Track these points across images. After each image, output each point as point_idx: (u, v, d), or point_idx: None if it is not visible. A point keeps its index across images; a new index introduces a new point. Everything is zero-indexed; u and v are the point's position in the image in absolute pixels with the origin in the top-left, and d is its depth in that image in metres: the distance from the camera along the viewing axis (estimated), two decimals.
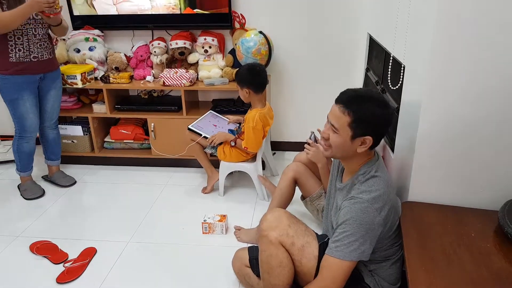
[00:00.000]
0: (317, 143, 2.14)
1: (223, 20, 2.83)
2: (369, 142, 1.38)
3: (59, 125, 2.90)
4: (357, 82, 2.91)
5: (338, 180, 1.59)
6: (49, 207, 2.55)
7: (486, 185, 1.49)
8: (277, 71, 3.01)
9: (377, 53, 2.55)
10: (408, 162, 1.56)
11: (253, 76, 2.36)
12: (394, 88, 1.74)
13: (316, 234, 1.55)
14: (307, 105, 3.10)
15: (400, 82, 1.69)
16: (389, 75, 1.75)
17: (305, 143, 2.12)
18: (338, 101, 1.40)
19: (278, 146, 3.22)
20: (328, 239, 1.46)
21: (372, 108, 1.35)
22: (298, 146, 3.18)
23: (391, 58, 1.82)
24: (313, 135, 2.17)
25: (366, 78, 2.76)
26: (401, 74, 1.67)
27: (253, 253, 1.72)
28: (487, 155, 1.45)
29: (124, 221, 2.39)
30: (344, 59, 2.93)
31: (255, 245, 1.80)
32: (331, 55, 2.93)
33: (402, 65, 1.67)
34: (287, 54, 2.96)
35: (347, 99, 1.38)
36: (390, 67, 1.74)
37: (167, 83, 2.76)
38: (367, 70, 2.74)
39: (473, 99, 1.39)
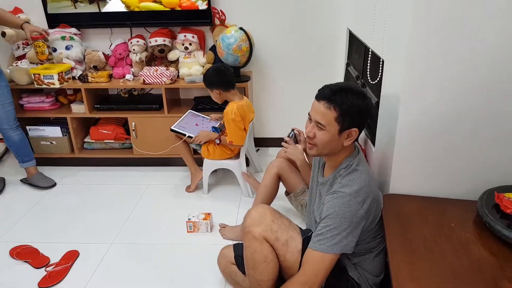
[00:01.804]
0: (296, 141, 2.16)
1: (202, 17, 2.80)
2: (355, 134, 1.40)
3: (38, 126, 2.85)
4: (338, 77, 2.93)
5: (320, 175, 1.60)
6: (28, 210, 2.50)
7: (465, 176, 1.52)
8: (259, 67, 3.00)
9: (356, 48, 2.57)
10: (389, 155, 1.58)
11: (220, 76, 2.39)
12: (374, 82, 1.76)
13: (300, 228, 1.56)
14: (289, 101, 3.11)
15: (379, 76, 1.71)
16: (368, 70, 1.76)
17: (283, 140, 2.13)
18: (320, 97, 1.40)
19: (261, 143, 3.22)
20: (312, 233, 1.47)
21: (355, 100, 1.37)
22: (281, 142, 3.14)
23: (370, 52, 1.84)
24: (293, 132, 2.18)
25: (347, 73, 2.78)
26: (380, 68, 1.68)
27: (238, 251, 1.72)
28: (466, 146, 1.47)
29: (107, 223, 2.35)
30: (325, 54, 2.94)
31: (240, 242, 1.80)
32: (312, 51, 2.94)
33: (381, 60, 1.68)
34: (268, 50, 2.96)
35: (330, 94, 1.38)
36: (369, 61, 1.75)
37: (147, 81, 2.72)
38: (348, 65, 2.76)
39: (451, 93, 1.41)
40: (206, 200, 2.58)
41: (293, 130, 2.21)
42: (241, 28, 2.64)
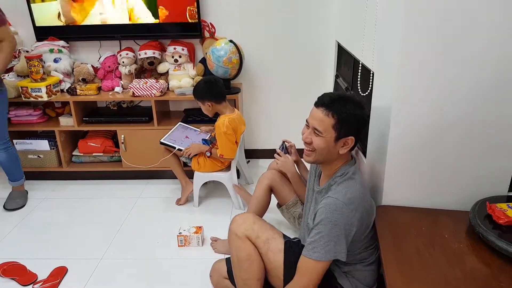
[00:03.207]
0: (287, 152, 2.16)
1: (192, 30, 2.81)
2: (351, 143, 1.43)
3: (26, 140, 2.81)
4: (327, 89, 2.95)
5: (316, 183, 1.62)
6: (14, 226, 2.44)
7: (456, 187, 1.53)
8: (248, 79, 3.01)
9: (345, 60, 2.60)
10: (381, 166, 1.59)
11: (211, 88, 2.39)
12: (364, 94, 1.77)
13: (284, 235, 1.61)
14: (279, 112, 3.12)
15: (369, 88, 1.73)
16: (358, 82, 1.78)
17: (275, 152, 2.13)
18: (319, 104, 1.43)
19: (251, 154, 3.22)
20: (295, 238, 1.52)
21: (353, 109, 1.39)
22: (271, 154, 3.13)
23: (360, 64, 1.86)
24: (283, 144, 2.18)
25: (336, 85, 2.81)
26: (370, 80, 1.70)
27: (231, 264, 1.70)
28: (456, 157, 1.49)
29: (96, 238, 2.31)
30: (314, 66, 2.97)
31: None
32: (301, 63, 2.96)
33: (371, 72, 1.70)
34: (258, 62, 2.97)
35: (329, 101, 1.40)
36: (359, 73, 1.77)
37: (137, 94, 2.71)
38: (336, 76, 2.79)
39: (441, 104, 1.43)
40: (197, 213, 2.55)
41: (284, 142, 2.21)
42: (231, 41, 2.65)
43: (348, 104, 1.40)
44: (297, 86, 3.03)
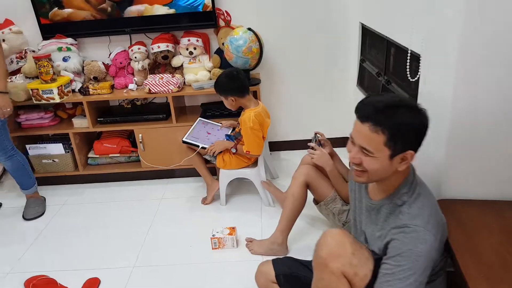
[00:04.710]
0: (321, 145, 2.05)
1: (207, 19, 2.67)
2: (410, 157, 1.20)
3: (39, 144, 2.69)
4: (351, 74, 2.83)
5: (364, 193, 1.44)
6: (37, 236, 2.34)
7: None
8: (267, 68, 2.88)
9: (373, 42, 2.48)
10: (437, 156, 1.49)
11: (234, 81, 2.27)
12: (413, 79, 1.66)
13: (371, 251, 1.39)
14: (299, 101, 2.99)
15: (418, 73, 1.61)
16: (408, 67, 1.66)
17: (308, 146, 2.02)
18: (364, 117, 1.18)
19: (273, 147, 3.10)
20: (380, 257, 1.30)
21: (407, 117, 1.16)
22: (293, 145, 3.08)
23: (410, 51, 1.71)
24: (316, 137, 2.07)
25: (362, 70, 2.69)
26: (409, 64, 1.59)
27: (279, 269, 1.60)
28: None
29: (124, 244, 2.21)
30: (335, 51, 2.84)
31: (279, 257, 1.69)
32: (321, 48, 2.83)
33: (409, 53, 1.57)
34: (276, 50, 2.83)
35: (375, 114, 1.16)
36: (408, 58, 1.65)
37: (154, 90, 2.58)
38: (362, 61, 2.66)
39: (508, 88, 1.32)
40: (225, 212, 2.45)
41: (315, 134, 2.10)
42: (249, 29, 2.51)
43: (400, 112, 1.16)
44: (318, 73, 2.90)
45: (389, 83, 2.15)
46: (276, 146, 3.10)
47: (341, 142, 2.43)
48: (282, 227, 2.04)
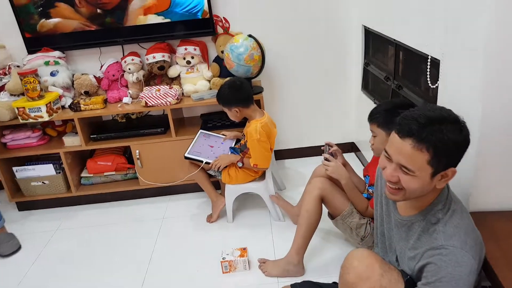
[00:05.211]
0: (332, 156, 1.93)
1: (204, 26, 2.53)
2: (452, 174, 1.11)
3: (26, 166, 2.53)
4: (354, 78, 2.72)
5: (394, 211, 1.32)
6: (30, 266, 2.15)
7: None
8: (268, 75, 2.74)
9: (378, 46, 2.37)
10: (465, 167, 1.37)
11: (237, 92, 2.14)
12: (434, 86, 1.55)
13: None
14: (302, 108, 2.87)
15: (437, 79, 1.50)
16: (428, 72, 1.55)
17: (322, 157, 1.90)
18: (405, 133, 1.07)
19: (276, 155, 2.96)
20: (409, 277, 1.22)
21: (452, 133, 1.05)
22: (297, 153, 2.96)
23: (430, 57, 1.60)
24: (327, 147, 1.96)
25: (366, 73, 2.58)
26: (428, 69, 1.48)
27: None
28: None
29: (127, 270, 2.05)
30: (336, 56, 2.72)
31: (297, 281, 1.57)
32: (322, 53, 2.71)
33: (429, 58, 1.47)
34: (276, 57, 2.70)
35: (418, 129, 1.05)
36: (429, 64, 1.53)
37: (151, 104, 2.42)
38: (366, 64, 2.55)
39: None
40: (232, 230, 2.30)
41: (326, 145, 1.99)
42: (250, 36, 2.38)
43: (445, 128, 1.04)
44: (320, 79, 2.79)
45: (400, 88, 2.04)
46: (279, 155, 2.97)
47: (346, 148, 2.32)
48: (298, 246, 1.90)
